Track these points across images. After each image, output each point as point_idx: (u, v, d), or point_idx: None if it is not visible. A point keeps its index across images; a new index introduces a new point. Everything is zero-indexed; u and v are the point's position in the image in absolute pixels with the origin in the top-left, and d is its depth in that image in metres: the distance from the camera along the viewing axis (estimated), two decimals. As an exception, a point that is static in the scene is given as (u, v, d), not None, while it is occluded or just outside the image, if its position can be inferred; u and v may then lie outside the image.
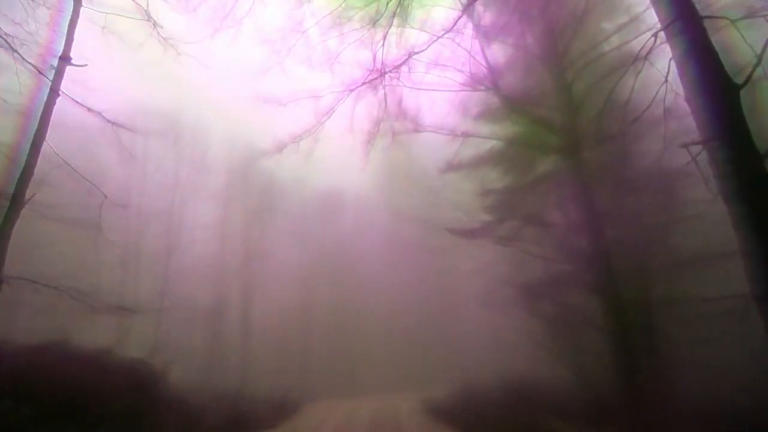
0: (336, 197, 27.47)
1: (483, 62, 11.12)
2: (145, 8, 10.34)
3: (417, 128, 12.05)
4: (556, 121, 10.95)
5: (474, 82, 11.38)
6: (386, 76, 9.73)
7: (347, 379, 25.59)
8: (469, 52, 10.91)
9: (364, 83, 8.94)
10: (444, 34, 9.08)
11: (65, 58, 9.60)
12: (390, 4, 8.44)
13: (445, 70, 11.75)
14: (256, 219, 24.17)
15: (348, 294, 26.73)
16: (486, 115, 12.88)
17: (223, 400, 13.48)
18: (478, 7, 10.57)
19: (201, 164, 22.46)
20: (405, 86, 10.61)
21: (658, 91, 6.20)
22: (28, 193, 9.60)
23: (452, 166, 19.92)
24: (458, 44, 10.57)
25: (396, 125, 12.21)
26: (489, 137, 13.19)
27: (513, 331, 20.41)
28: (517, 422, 10.34)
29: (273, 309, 24.47)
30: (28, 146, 9.31)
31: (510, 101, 11.21)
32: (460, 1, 9.98)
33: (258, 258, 23.90)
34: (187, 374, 19.60)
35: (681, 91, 5.58)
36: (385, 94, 10.51)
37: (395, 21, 8.81)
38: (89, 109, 6.68)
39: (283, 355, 24.03)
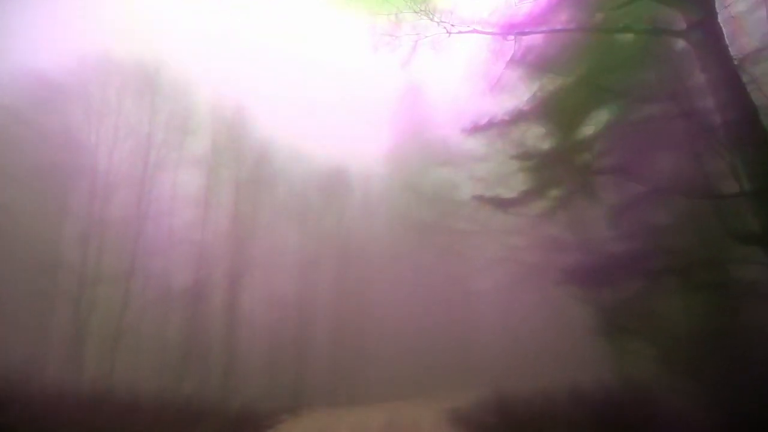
0: (341, 170, 24.74)
1: None
2: None
3: (451, 29, 8.77)
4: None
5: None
6: None
7: (352, 384, 22.83)
8: None
9: None
10: None
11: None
12: None
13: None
14: (248, 191, 21.39)
15: (353, 284, 23.85)
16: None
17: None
18: None
19: (181, 122, 19.52)
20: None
21: None
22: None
23: (480, 127, 16.99)
24: None
25: (421, 24, 9.03)
26: (563, 29, 9.68)
27: (558, 326, 17.56)
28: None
29: (264, 298, 21.81)
30: None
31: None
32: None
33: (248, 237, 21.07)
34: (156, 372, 16.88)
35: None
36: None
37: None
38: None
39: (275, 354, 21.29)
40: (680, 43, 8.94)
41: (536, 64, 14.20)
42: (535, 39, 12.99)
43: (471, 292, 22.79)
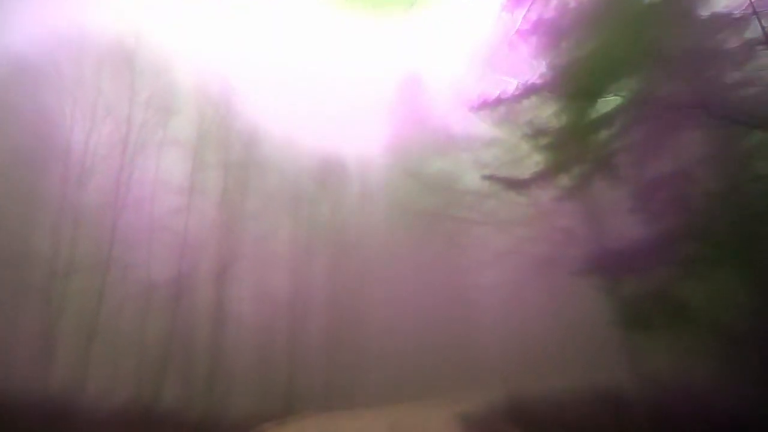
0: (338, 156, 24.00)
1: None
2: None
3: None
4: None
5: None
6: None
7: (349, 386, 21.95)
8: None
9: None
10: None
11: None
12: None
13: None
14: (237, 177, 20.39)
15: (350, 278, 23.01)
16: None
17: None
18: None
19: (163, 102, 18.48)
20: None
21: None
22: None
23: (488, 103, 16.03)
24: None
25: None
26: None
27: (573, 321, 16.72)
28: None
29: (253, 293, 20.89)
30: None
31: None
32: None
33: (236, 226, 19.98)
34: (133, 374, 15.84)
35: None
36: None
37: None
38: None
39: (265, 354, 20.35)
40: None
41: (549, 35, 13.25)
42: (546, 10, 12.01)
43: (476, 287, 22.01)
